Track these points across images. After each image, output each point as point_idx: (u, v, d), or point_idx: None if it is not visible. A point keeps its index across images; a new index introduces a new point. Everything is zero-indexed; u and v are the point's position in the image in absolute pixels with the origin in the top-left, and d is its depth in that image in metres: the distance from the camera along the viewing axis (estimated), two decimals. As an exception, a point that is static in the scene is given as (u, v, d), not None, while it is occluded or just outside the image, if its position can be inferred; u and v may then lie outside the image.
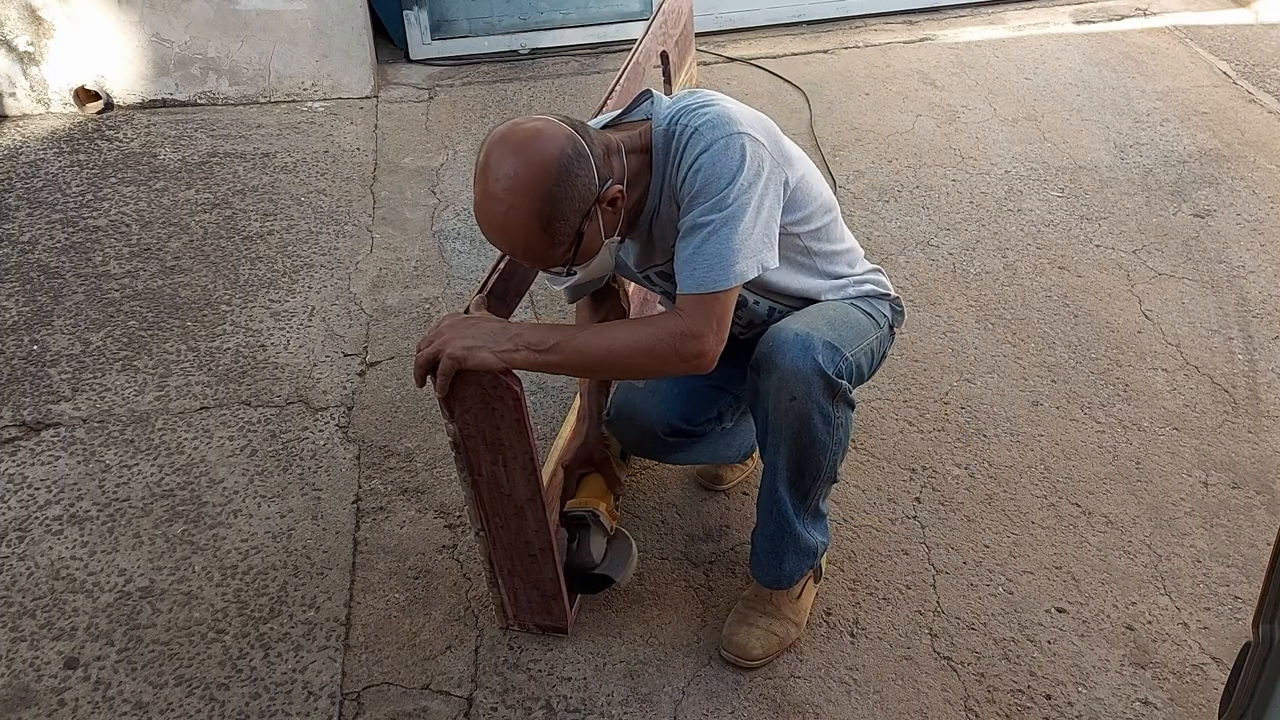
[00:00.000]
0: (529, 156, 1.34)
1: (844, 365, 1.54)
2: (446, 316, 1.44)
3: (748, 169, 1.40)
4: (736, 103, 1.52)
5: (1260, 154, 3.15)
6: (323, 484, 2.09)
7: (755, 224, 1.41)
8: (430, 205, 3.00)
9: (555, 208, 1.35)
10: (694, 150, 1.42)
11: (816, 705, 1.67)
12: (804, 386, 1.51)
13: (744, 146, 1.41)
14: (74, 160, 3.15)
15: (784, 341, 1.51)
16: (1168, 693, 1.68)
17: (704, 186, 1.40)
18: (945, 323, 2.51)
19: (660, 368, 1.45)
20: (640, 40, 2.30)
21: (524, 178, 1.33)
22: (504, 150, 1.35)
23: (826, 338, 1.53)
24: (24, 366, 2.38)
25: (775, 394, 1.54)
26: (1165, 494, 2.05)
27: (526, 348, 1.39)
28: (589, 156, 1.38)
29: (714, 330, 1.41)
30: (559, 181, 1.34)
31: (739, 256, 1.40)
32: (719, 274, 1.39)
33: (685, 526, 2.00)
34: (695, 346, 1.40)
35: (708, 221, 1.40)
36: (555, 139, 1.35)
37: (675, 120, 1.46)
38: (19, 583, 1.88)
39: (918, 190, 3.02)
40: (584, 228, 1.40)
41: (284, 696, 1.69)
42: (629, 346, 1.41)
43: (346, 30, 3.44)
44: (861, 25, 4.07)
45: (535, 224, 1.35)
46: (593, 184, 1.38)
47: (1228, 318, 2.51)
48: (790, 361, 1.50)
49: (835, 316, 1.63)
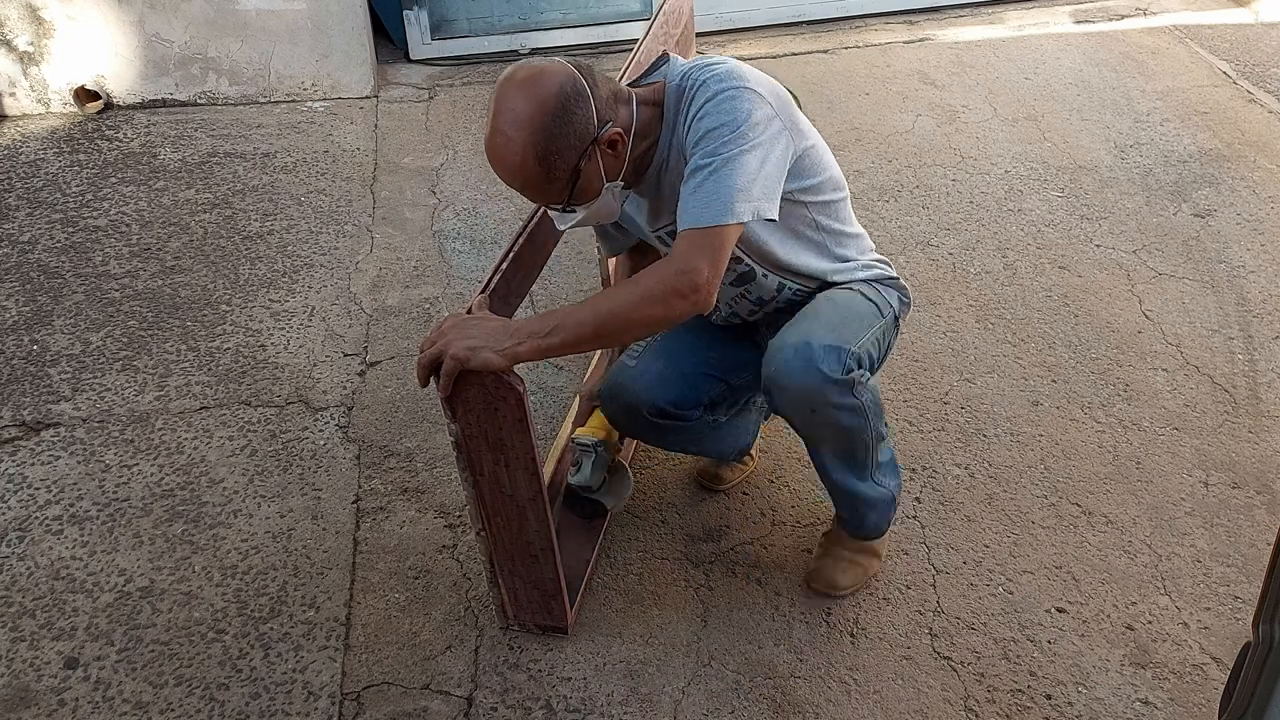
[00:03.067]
0: (529, 92, 1.38)
1: (850, 359, 1.55)
2: (449, 317, 1.44)
3: (753, 119, 1.42)
4: (752, 68, 1.53)
5: (1260, 154, 3.15)
6: (323, 484, 2.09)
7: (759, 172, 1.42)
8: (430, 205, 3.00)
9: (551, 143, 1.39)
10: (700, 99, 1.45)
11: (816, 705, 1.67)
12: (819, 398, 1.54)
13: (751, 99, 1.43)
14: (74, 160, 3.15)
15: (786, 361, 1.53)
16: (1168, 693, 1.68)
17: (708, 132, 1.42)
18: (945, 323, 2.51)
19: (662, 312, 1.43)
20: (640, 40, 2.30)
21: (522, 112, 1.38)
22: (509, 87, 1.41)
23: (826, 340, 1.53)
24: (24, 366, 2.38)
25: (795, 411, 1.58)
26: (1165, 494, 2.05)
27: (530, 337, 1.40)
28: (589, 97, 1.42)
29: (709, 264, 1.39)
30: (555, 117, 1.38)
31: (739, 197, 1.40)
32: (716, 209, 1.39)
33: (685, 526, 2.00)
34: (691, 280, 1.38)
35: (708, 163, 1.41)
36: (555, 77, 1.40)
37: (687, 75, 1.51)
38: (19, 583, 1.88)
39: (918, 190, 3.02)
40: (581, 165, 1.43)
41: (284, 696, 1.69)
42: (627, 300, 1.41)
43: (346, 30, 3.44)
44: (861, 25, 4.07)
45: (531, 156, 1.39)
46: (591, 124, 1.42)
47: (1228, 318, 2.51)
48: (797, 380, 1.52)
49: (838, 308, 1.64)
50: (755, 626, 1.80)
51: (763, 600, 1.85)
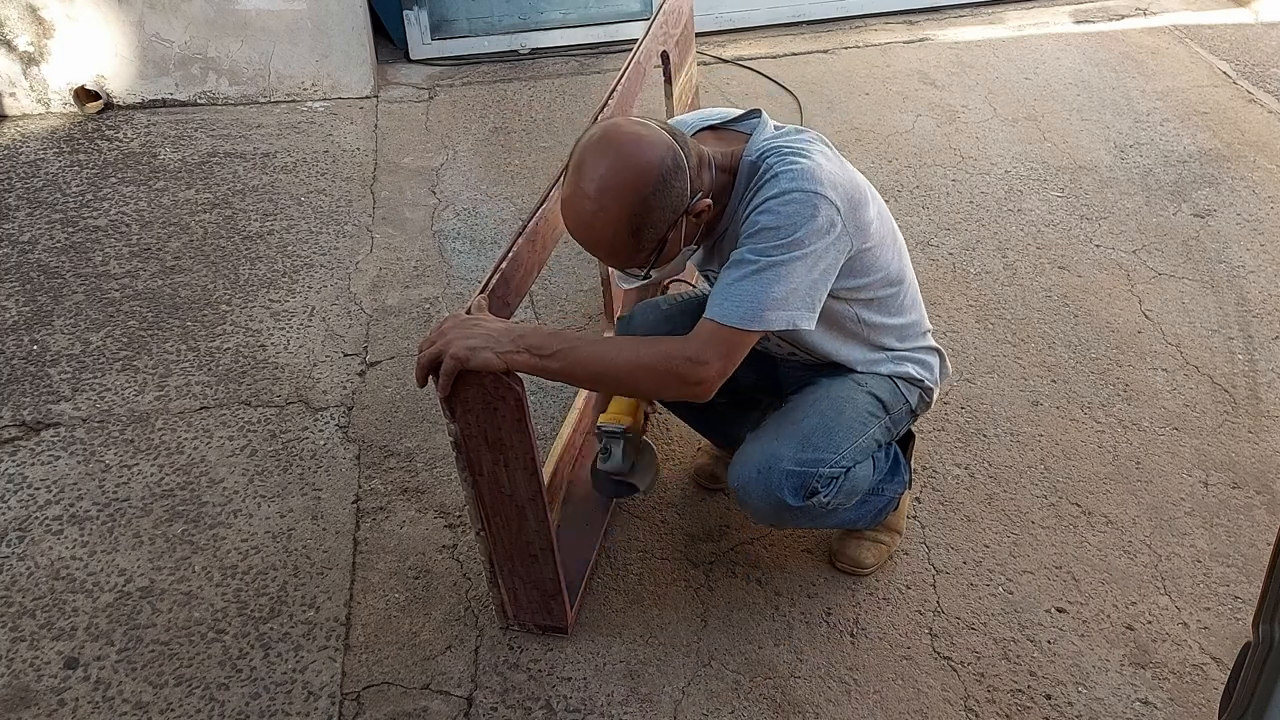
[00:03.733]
0: (629, 161, 1.35)
1: (817, 481, 1.57)
2: (449, 317, 1.43)
3: (812, 226, 1.39)
4: (832, 159, 1.49)
5: (1260, 154, 3.15)
6: (323, 484, 2.09)
7: (803, 281, 1.40)
8: (430, 205, 3.00)
9: (647, 215, 1.37)
10: (767, 193, 1.41)
11: (816, 705, 1.67)
12: (782, 516, 1.59)
13: (817, 206, 1.39)
14: (74, 160, 3.15)
15: (749, 480, 1.56)
16: (1168, 693, 1.68)
17: (764, 229, 1.40)
18: (945, 323, 2.51)
19: (658, 388, 1.45)
20: (641, 40, 2.30)
21: (621, 181, 1.34)
22: (603, 151, 1.35)
23: (792, 464, 1.54)
24: (24, 366, 2.38)
25: (762, 521, 1.65)
26: (1165, 494, 2.05)
27: (528, 351, 1.39)
28: (685, 169, 1.39)
29: (721, 361, 1.40)
30: (656, 190, 1.36)
31: (774, 306, 1.38)
32: (746, 313, 1.38)
33: (685, 526, 2.00)
34: (698, 373, 1.39)
35: (756, 260, 1.39)
36: (656, 148, 1.37)
37: (764, 156, 1.47)
38: (19, 583, 1.88)
39: (918, 190, 3.02)
40: (668, 235, 1.42)
41: (284, 696, 1.69)
42: (631, 362, 1.41)
43: (346, 30, 3.44)
44: (861, 25, 4.07)
45: (624, 228, 1.37)
46: (685, 196, 1.40)
47: (1228, 318, 2.51)
48: (757, 501, 1.57)
49: (828, 411, 1.62)
50: (755, 626, 1.80)
51: (763, 600, 1.85)
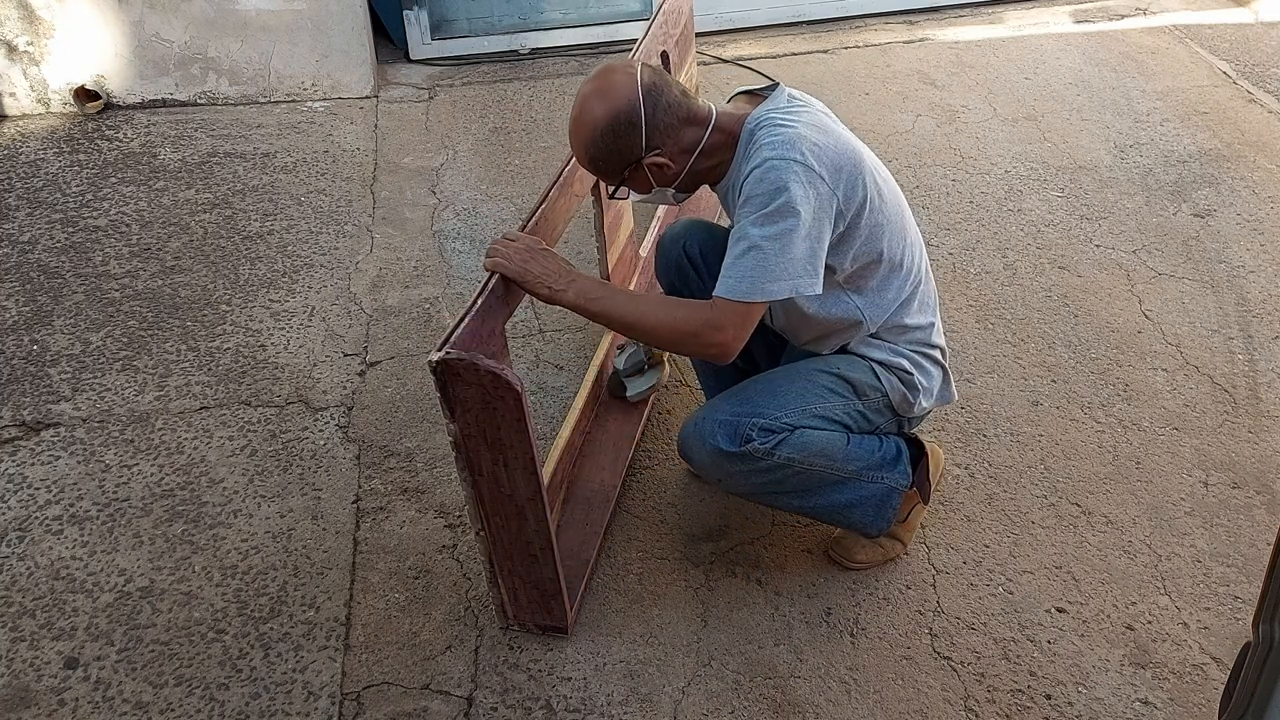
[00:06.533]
0: (587, 105, 1.57)
1: (752, 429, 1.61)
2: (522, 237, 1.61)
3: (793, 194, 1.48)
4: (824, 127, 1.58)
5: (1260, 154, 3.15)
6: (323, 484, 2.09)
7: (799, 251, 1.50)
8: (430, 205, 3.00)
9: (598, 153, 1.58)
10: (753, 162, 1.53)
11: (816, 705, 1.67)
12: (721, 469, 1.65)
13: (794, 173, 1.49)
14: (74, 160, 3.15)
15: (685, 437, 1.67)
16: (1168, 693, 1.68)
17: (749, 198, 1.52)
18: (945, 323, 2.50)
19: (680, 346, 1.60)
20: (640, 40, 2.31)
21: (581, 123, 1.57)
22: (585, 88, 1.59)
23: (725, 415, 1.62)
24: (24, 366, 2.38)
25: (710, 479, 1.73)
26: (1165, 494, 2.05)
27: (578, 292, 1.58)
28: (640, 127, 1.55)
29: (735, 329, 1.53)
30: (603, 136, 1.56)
31: (773, 278, 1.50)
32: (748, 288, 1.51)
33: (685, 526, 2.00)
34: (717, 338, 1.53)
35: (752, 234, 1.50)
36: (615, 103, 1.54)
37: (760, 126, 1.57)
38: (19, 583, 1.88)
39: (918, 190, 3.02)
40: (626, 174, 1.61)
41: (284, 696, 1.69)
42: (660, 320, 1.57)
43: (346, 30, 3.44)
44: (861, 25, 4.07)
45: (584, 156, 1.60)
46: (637, 149, 1.57)
47: (1228, 318, 2.51)
48: (695, 457, 1.66)
49: (784, 377, 1.71)
50: (755, 626, 1.80)
51: (763, 600, 1.85)
